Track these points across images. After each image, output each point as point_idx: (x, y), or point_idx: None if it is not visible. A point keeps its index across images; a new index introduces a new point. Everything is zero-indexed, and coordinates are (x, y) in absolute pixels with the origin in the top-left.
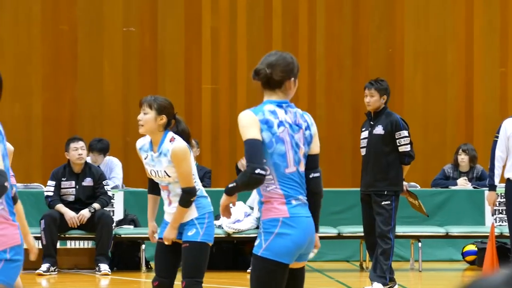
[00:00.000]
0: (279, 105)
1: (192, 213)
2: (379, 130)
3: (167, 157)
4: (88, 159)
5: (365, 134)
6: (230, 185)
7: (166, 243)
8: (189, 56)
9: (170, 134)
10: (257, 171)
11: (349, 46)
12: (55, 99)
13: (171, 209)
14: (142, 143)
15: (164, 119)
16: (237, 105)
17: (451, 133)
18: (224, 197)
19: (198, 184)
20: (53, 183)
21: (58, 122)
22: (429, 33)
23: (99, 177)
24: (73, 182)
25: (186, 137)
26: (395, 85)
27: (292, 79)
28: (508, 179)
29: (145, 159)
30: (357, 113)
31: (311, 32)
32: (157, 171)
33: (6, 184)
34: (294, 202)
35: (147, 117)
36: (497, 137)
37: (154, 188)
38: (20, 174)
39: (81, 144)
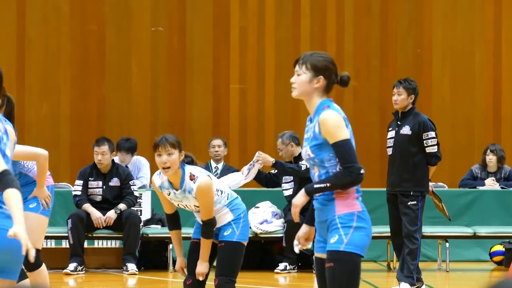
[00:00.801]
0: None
1: (228, 216)
2: (406, 130)
3: (192, 194)
4: (116, 159)
5: (392, 133)
6: (318, 185)
7: (200, 278)
8: (217, 55)
9: (188, 170)
10: (362, 171)
11: (378, 46)
12: (83, 98)
13: None
14: (160, 181)
15: (183, 155)
16: (265, 105)
17: (479, 133)
18: (303, 197)
19: (226, 190)
20: (81, 182)
21: (86, 121)
22: (457, 33)
23: (126, 177)
24: (100, 182)
25: (194, 163)
26: (423, 85)
27: None
28: None
29: (168, 195)
30: (385, 113)
31: (339, 31)
32: (186, 205)
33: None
34: (360, 197)
35: (174, 158)
36: None
37: (174, 223)
38: None
39: (103, 148)
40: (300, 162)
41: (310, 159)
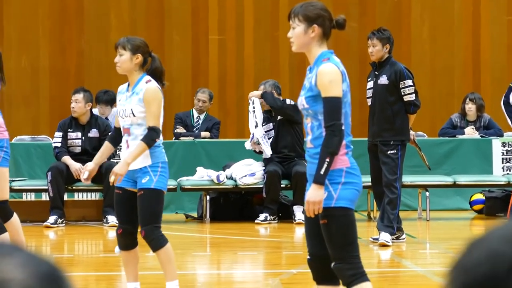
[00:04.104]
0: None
1: (146, 160)
2: (383, 80)
3: (139, 96)
4: (96, 111)
5: (370, 84)
6: (322, 169)
7: (111, 179)
8: (196, 6)
9: (148, 77)
10: (343, 127)
11: None
12: (62, 51)
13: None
14: (122, 87)
15: (139, 57)
16: (244, 56)
17: (458, 82)
18: (319, 190)
19: (161, 136)
20: (60, 134)
21: (65, 74)
22: None
23: (105, 128)
24: (79, 133)
25: (159, 74)
26: (402, 34)
27: None
28: None
29: (119, 101)
30: (364, 63)
31: None
32: (125, 109)
33: None
34: (350, 152)
35: (122, 58)
36: None
37: (113, 137)
38: (27, 126)
39: (76, 96)
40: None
41: (304, 109)
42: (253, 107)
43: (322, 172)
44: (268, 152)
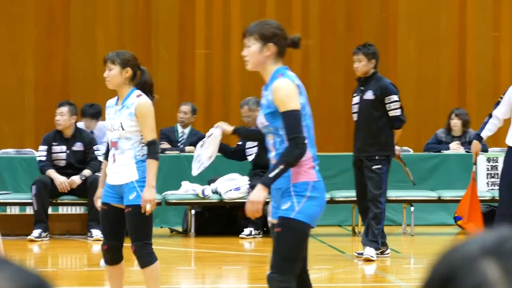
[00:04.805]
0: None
1: (132, 175)
2: (369, 95)
3: (129, 109)
4: (82, 125)
5: (356, 99)
6: (273, 173)
7: (148, 208)
8: (183, 21)
9: (138, 91)
10: (306, 141)
11: (343, 10)
12: (47, 63)
13: (114, 168)
14: (110, 101)
15: (129, 71)
16: (231, 70)
17: (444, 97)
18: (263, 192)
19: (144, 149)
20: (45, 147)
21: (51, 86)
22: None
23: (90, 142)
24: (64, 147)
25: (148, 87)
26: (389, 49)
27: None
28: (509, 146)
29: (107, 114)
30: (350, 78)
31: None
32: (113, 123)
33: None
34: (317, 166)
35: (112, 72)
36: (502, 98)
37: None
38: (12, 140)
39: (61, 109)
40: None
41: (265, 127)
42: (209, 135)
43: (271, 176)
44: (193, 171)
